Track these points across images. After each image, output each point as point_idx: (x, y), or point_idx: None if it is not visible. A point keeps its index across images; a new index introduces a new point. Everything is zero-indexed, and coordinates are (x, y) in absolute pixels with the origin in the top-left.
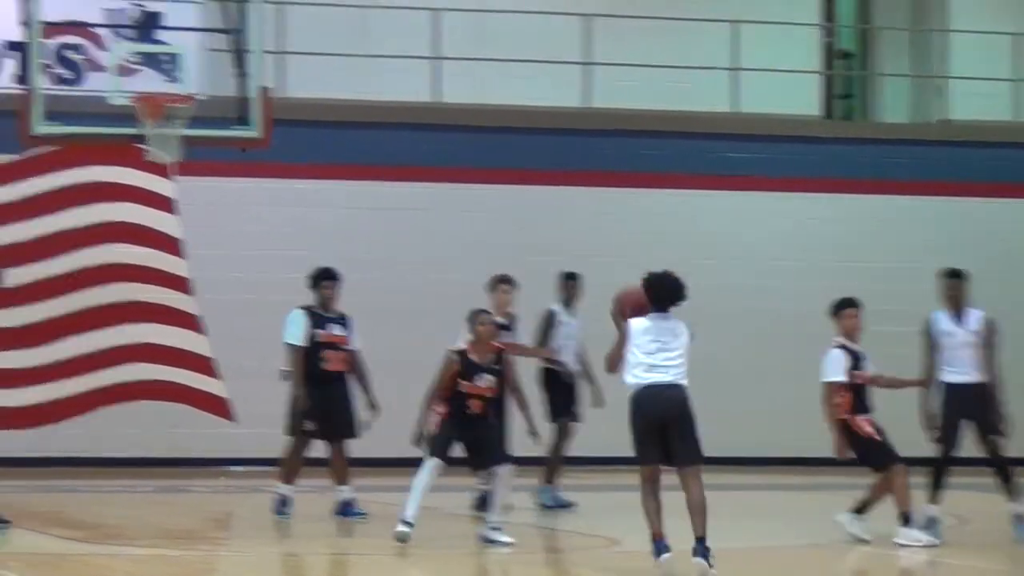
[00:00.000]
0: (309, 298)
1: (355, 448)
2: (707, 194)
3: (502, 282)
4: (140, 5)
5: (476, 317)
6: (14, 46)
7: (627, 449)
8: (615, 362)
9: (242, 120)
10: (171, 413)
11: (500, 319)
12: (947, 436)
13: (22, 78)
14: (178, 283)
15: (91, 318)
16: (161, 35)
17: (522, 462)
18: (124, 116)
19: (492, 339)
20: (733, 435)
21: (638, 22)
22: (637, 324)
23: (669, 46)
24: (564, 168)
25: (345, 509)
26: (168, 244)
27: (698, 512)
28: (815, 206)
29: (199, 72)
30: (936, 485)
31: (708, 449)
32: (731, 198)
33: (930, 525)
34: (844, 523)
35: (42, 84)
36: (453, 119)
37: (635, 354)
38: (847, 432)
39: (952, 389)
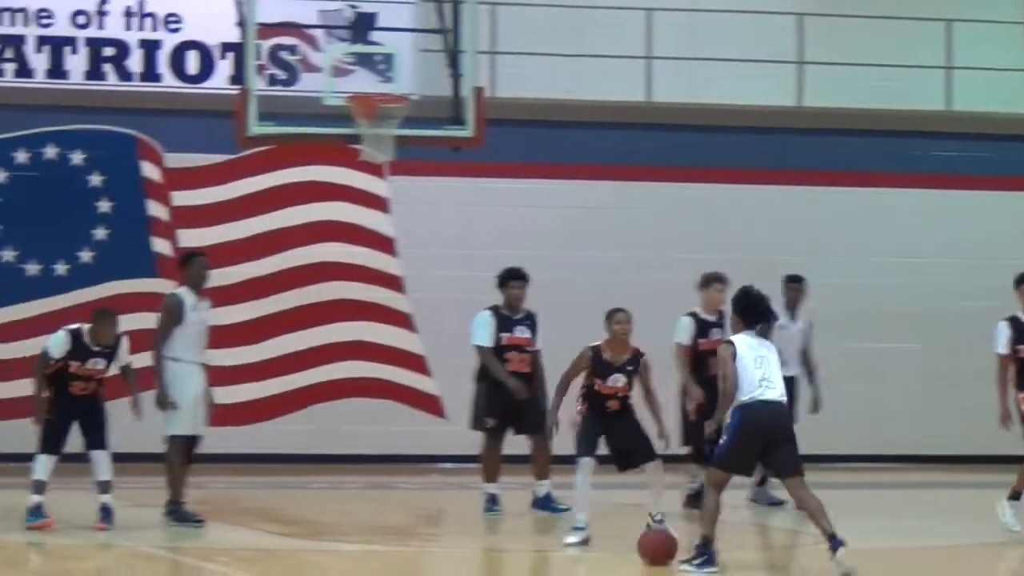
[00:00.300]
0: (499, 297)
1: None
2: (920, 192)
3: (715, 280)
4: (354, 6)
5: (612, 316)
6: (230, 47)
7: (838, 447)
8: None
9: (455, 120)
10: (382, 410)
11: (710, 317)
12: None
13: (237, 79)
14: (391, 282)
15: (305, 316)
16: (375, 36)
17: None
18: (338, 116)
19: (627, 339)
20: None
21: (851, 20)
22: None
23: (882, 44)
24: (776, 167)
25: (544, 503)
26: (381, 243)
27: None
28: None
29: (412, 72)
30: None
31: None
32: (943, 196)
33: None
34: (999, 513)
35: (257, 85)
36: (665, 118)
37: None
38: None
39: None
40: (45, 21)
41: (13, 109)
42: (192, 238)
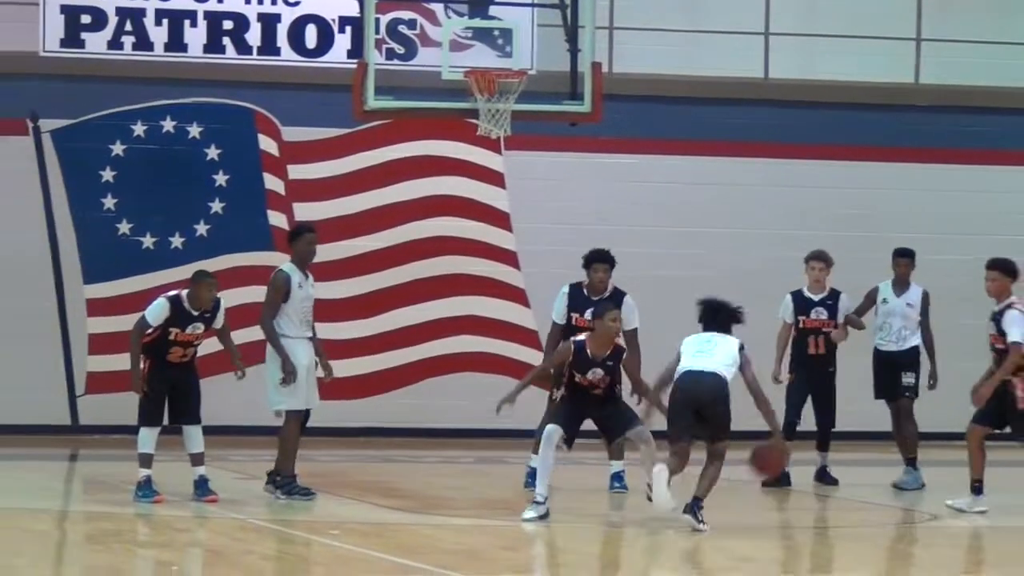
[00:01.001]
0: (616, 274)
1: None
2: None
3: (813, 259)
4: None
5: (606, 314)
6: (348, 21)
7: (952, 425)
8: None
9: (573, 95)
10: (494, 384)
11: (814, 295)
12: None
13: (355, 53)
14: (505, 256)
15: (419, 290)
16: (494, 10)
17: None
18: (456, 91)
19: (614, 337)
20: None
21: None
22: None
23: (999, 21)
24: (894, 144)
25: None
26: (497, 218)
27: None
28: None
29: (530, 47)
30: None
31: None
32: None
33: None
34: None
35: (375, 59)
36: (781, 95)
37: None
38: None
39: None
40: None
41: (132, 82)
42: (308, 212)
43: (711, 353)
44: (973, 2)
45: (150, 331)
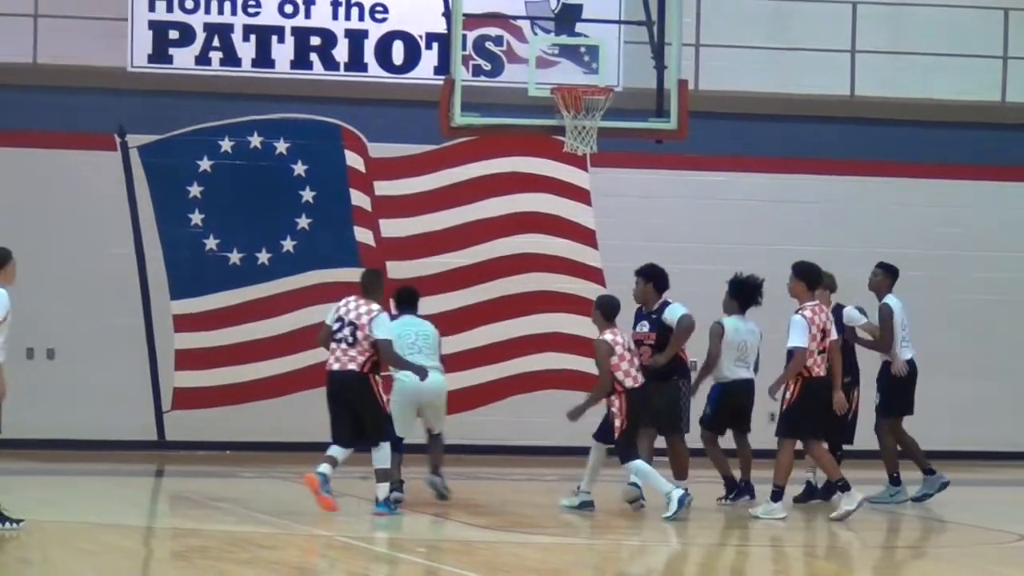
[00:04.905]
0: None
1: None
2: None
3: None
4: None
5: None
6: (434, 37)
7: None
8: None
9: (659, 112)
10: (579, 401)
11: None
12: None
13: (442, 69)
14: (591, 274)
15: (506, 307)
16: (580, 27)
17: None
18: (542, 108)
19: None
20: None
21: None
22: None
23: None
24: (980, 162)
25: None
26: (583, 235)
27: None
28: None
29: (617, 64)
30: None
31: None
32: None
33: None
34: None
35: (462, 75)
36: (867, 112)
37: None
38: None
39: None
40: (252, 10)
41: (219, 97)
42: (394, 228)
43: None
44: None
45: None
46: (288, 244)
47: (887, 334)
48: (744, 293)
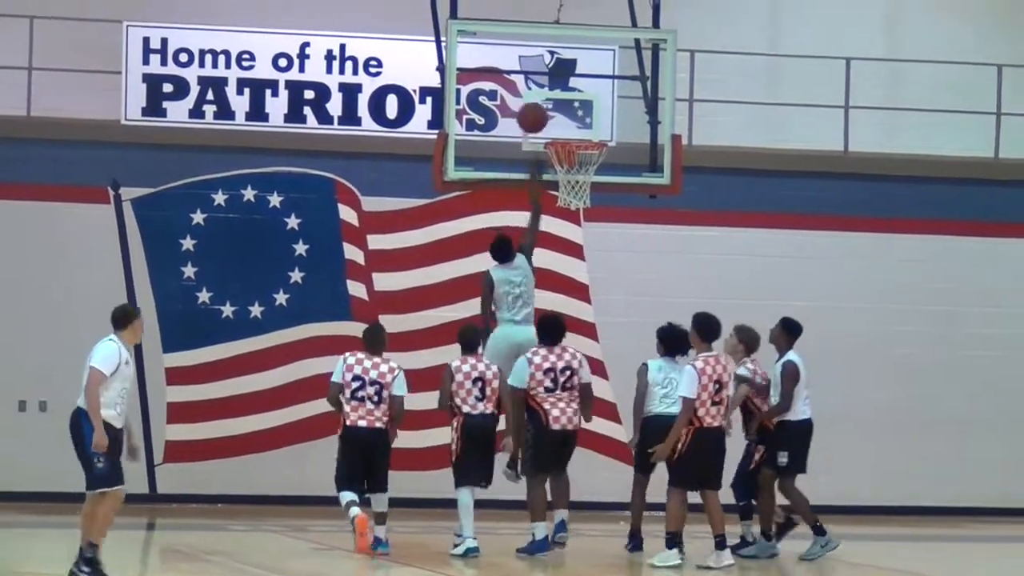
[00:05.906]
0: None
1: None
2: None
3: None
4: (555, 52)
5: None
6: (428, 92)
7: None
8: None
9: (652, 167)
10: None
11: None
12: None
13: (435, 123)
14: (584, 328)
15: None
16: (574, 82)
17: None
18: (536, 162)
19: None
20: None
21: None
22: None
23: None
24: (974, 218)
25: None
26: (576, 289)
27: None
28: None
29: (611, 119)
30: None
31: None
32: None
33: None
34: None
35: (456, 130)
36: (861, 168)
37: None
38: None
39: None
40: (247, 63)
41: (213, 151)
42: (387, 281)
43: None
44: None
45: None
46: (281, 297)
47: (788, 392)
48: (676, 340)
